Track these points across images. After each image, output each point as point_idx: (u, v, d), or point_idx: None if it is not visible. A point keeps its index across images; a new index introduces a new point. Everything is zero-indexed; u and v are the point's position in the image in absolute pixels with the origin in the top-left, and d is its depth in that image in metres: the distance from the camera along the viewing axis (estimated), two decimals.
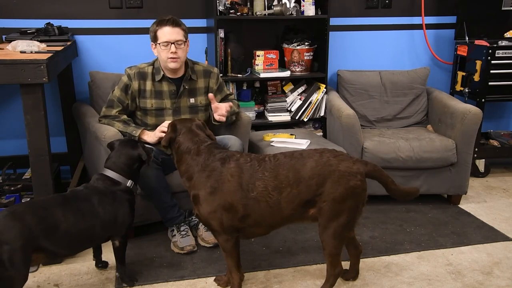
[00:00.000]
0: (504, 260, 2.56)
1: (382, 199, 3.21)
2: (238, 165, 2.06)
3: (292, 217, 2.09)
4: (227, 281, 2.28)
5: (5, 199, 2.68)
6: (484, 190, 3.51)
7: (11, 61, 2.21)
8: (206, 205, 2.07)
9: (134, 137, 2.55)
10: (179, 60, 2.58)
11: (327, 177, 2.01)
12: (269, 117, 3.58)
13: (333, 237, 2.06)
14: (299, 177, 2.02)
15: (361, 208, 2.09)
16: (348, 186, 2.00)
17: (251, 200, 2.02)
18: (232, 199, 2.03)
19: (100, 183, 2.20)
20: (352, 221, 2.09)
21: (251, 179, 2.03)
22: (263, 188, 2.01)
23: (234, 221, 2.06)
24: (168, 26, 2.54)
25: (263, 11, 3.39)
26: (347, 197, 2.01)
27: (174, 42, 2.53)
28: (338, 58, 3.77)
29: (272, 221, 2.08)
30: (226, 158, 2.09)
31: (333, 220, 2.04)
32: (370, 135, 3.26)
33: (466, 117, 3.10)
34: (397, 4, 3.81)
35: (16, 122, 3.26)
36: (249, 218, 2.06)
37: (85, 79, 3.29)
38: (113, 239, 2.22)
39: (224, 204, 2.04)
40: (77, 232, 2.04)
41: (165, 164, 2.63)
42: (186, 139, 2.17)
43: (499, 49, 3.42)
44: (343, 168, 2.02)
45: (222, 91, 2.81)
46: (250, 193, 2.02)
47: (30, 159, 2.35)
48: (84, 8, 3.30)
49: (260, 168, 2.05)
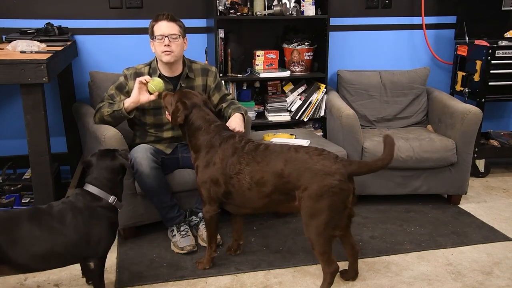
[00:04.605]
0: (504, 260, 2.56)
1: (382, 199, 3.22)
2: (232, 145, 2.27)
3: (272, 203, 2.21)
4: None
5: (5, 199, 2.68)
6: (484, 190, 3.51)
7: (11, 61, 2.21)
8: (200, 175, 2.32)
9: (123, 110, 2.52)
10: (173, 54, 2.58)
11: (301, 173, 2.08)
12: (269, 117, 3.58)
13: (317, 235, 2.09)
14: (274, 167, 2.14)
15: (342, 208, 2.08)
16: (322, 184, 2.04)
17: (231, 179, 2.22)
18: (217, 175, 2.25)
19: (79, 198, 2.02)
20: (334, 220, 2.08)
21: (235, 161, 2.22)
22: (239, 170, 2.20)
23: (219, 195, 2.28)
24: (164, 20, 2.58)
25: (263, 11, 3.39)
26: (323, 195, 2.04)
27: (168, 36, 2.55)
28: (338, 58, 3.77)
29: (250, 202, 2.25)
30: (226, 139, 2.29)
31: (312, 218, 2.08)
32: (370, 135, 3.26)
33: (466, 117, 3.10)
34: (397, 4, 3.81)
35: (16, 122, 3.26)
36: (231, 196, 2.26)
37: (85, 79, 3.29)
38: (88, 260, 2.03)
39: (212, 178, 2.27)
40: (41, 248, 1.90)
41: (165, 164, 2.63)
42: (198, 117, 2.35)
43: (499, 49, 3.42)
44: (319, 166, 2.07)
45: (220, 90, 2.81)
46: (230, 173, 2.22)
47: (30, 159, 2.35)
48: (84, 8, 3.29)
49: (244, 152, 2.23)
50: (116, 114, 2.56)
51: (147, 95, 2.53)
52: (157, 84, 2.53)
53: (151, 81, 2.53)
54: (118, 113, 2.55)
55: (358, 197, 2.14)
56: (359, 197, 2.16)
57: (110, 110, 2.58)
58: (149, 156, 2.52)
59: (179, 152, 2.73)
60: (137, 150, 2.55)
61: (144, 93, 2.53)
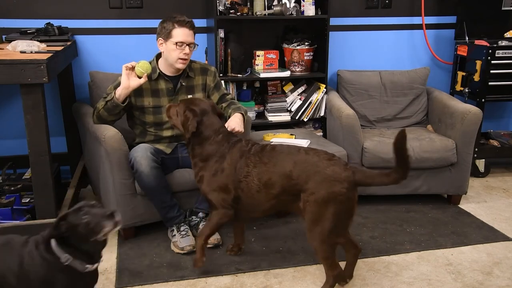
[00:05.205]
0: (504, 260, 2.56)
1: (382, 199, 3.22)
2: (239, 149, 2.24)
3: (279, 204, 2.19)
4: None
5: (5, 199, 2.68)
6: (484, 190, 3.51)
7: (11, 61, 2.21)
8: (208, 184, 2.27)
9: (115, 99, 2.52)
10: (187, 62, 2.63)
11: (310, 176, 2.04)
12: (269, 117, 3.58)
13: (320, 242, 2.07)
14: (282, 168, 2.11)
15: (347, 217, 2.06)
16: (331, 191, 2.00)
17: (240, 183, 2.19)
18: (227, 181, 2.22)
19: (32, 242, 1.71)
20: (338, 228, 2.06)
21: (243, 164, 2.19)
22: (248, 172, 2.17)
23: (228, 201, 2.24)
24: (186, 27, 2.57)
25: (263, 11, 3.39)
26: (329, 202, 2.00)
27: (189, 44, 2.57)
28: (338, 58, 3.77)
29: (259, 204, 2.22)
30: (233, 144, 2.27)
31: (316, 224, 2.04)
32: (370, 135, 3.26)
33: (466, 117, 3.10)
34: (397, 4, 3.81)
35: (16, 122, 3.26)
36: (241, 200, 2.23)
37: (85, 79, 3.29)
38: None
39: (220, 185, 2.23)
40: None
41: (165, 164, 2.63)
42: (208, 125, 2.30)
43: (499, 49, 3.42)
44: (329, 171, 2.02)
45: (219, 89, 2.81)
46: (239, 176, 2.19)
47: (30, 159, 2.35)
48: (84, 8, 3.29)
49: (252, 155, 2.20)
50: (109, 105, 2.56)
51: (136, 80, 2.53)
52: (143, 65, 2.52)
53: (138, 65, 2.52)
54: (111, 104, 2.55)
55: (358, 197, 2.12)
56: (359, 197, 2.14)
57: (103, 103, 2.59)
58: (149, 155, 2.52)
59: (179, 152, 2.73)
60: (137, 149, 2.55)
61: (133, 78, 2.53)
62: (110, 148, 2.51)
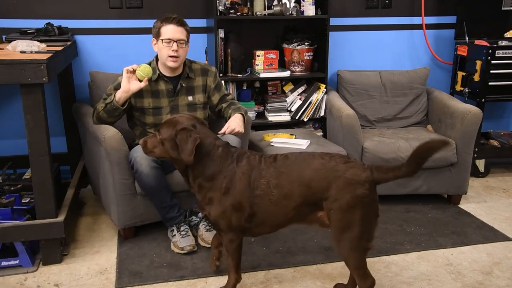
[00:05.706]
0: (504, 260, 2.56)
1: (382, 199, 3.17)
2: (248, 162, 2.06)
3: (296, 217, 2.05)
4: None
5: (5, 199, 2.68)
6: (484, 190, 3.51)
7: (11, 61, 2.21)
8: (218, 206, 2.06)
9: (115, 102, 2.50)
10: (178, 59, 2.59)
11: (332, 182, 1.94)
12: (269, 117, 3.58)
13: (350, 250, 1.97)
14: (301, 177, 1.98)
15: (372, 219, 1.99)
16: (355, 194, 1.92)
17: (256, 198, 2.02)
18: (241, 198, 2.03)
19: None
20: (367, 232, 1.97)
21: (257, 177, 2.02)
22: (266, 185, 2.01)
23: (241, 221, 2.06)
24: (173, 24, 2.56)
25: (263, 11, 3.39)
26: (355, 206, 1.92)
27: (176, 41, 2.55)
28: (338, 58, 3.77)
29: (275, 219, 2.07)
30: (239, 157, 2.08)
31: (345, 232, 1.95)
32: (370, 135, 3.26)
33: (466, 117, 3.10)
34: (397, 4, 3.81)
35: (16, 122, 3.26)
36: (255, 217, 2.06)
37: (85, 79, 3.29)
38: None
39: (234, 204, 2.04)
40: None
41: (165, 163, 2.63)
42: (203, 141, 2.05)
43: (499, 49, 3.42)
44: (349, 175, 1.93)
45: (220, 90, 2.81)
46: (255, 190, 2.02)
47: (30, 159, 2.35)
48: (84, 8, 3.30)
49: (265, 166, 2.04)
50: (109, 107, 2.55)
51: (137, 83, 2.53)
52: (144, 69, 2.52)
53: (139, 68, 2.52)
54: (111, 106, 2.54)
55: None
56: None
57: (103, 105, 2.58)
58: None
59: None
60: (137, 150, 2.55)
61: (134, 81, 2.52)
62: (110, 148, 2.51)
